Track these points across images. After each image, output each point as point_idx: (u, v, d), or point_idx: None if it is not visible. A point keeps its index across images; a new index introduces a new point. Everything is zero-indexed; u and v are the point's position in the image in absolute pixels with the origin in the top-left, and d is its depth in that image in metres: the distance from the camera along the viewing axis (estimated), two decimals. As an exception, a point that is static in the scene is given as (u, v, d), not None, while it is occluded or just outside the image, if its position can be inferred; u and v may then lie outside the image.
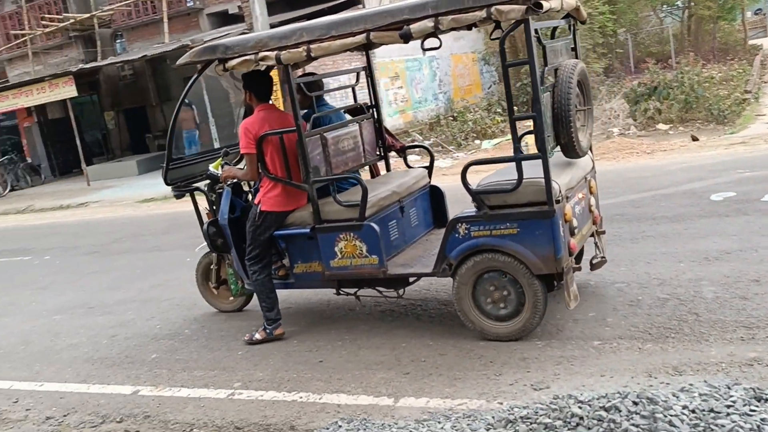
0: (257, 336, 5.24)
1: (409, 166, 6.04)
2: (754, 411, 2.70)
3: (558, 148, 4.57)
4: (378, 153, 5.93)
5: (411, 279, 5.08)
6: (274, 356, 4.96)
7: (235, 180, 5.40)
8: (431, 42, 4.47)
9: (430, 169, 5.89)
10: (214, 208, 5.58)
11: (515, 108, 5.04)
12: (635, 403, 2.69)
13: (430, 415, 3.70)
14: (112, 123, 23.45)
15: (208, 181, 5.60)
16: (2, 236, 13.47)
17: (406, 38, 4.28)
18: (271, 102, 5.28)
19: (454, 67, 23.01)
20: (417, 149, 10.82)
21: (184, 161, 5.89)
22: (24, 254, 10.87)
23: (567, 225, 4.39)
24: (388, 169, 6.10)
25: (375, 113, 5.88)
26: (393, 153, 6.12)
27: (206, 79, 12.58)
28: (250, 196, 5.67)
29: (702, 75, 15.57)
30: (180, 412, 4.31)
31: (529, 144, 6.52)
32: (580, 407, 2.76)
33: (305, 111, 5.42)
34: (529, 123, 4.36)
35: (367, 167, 5.97)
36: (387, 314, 5.43)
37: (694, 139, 12.06)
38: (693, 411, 2.61)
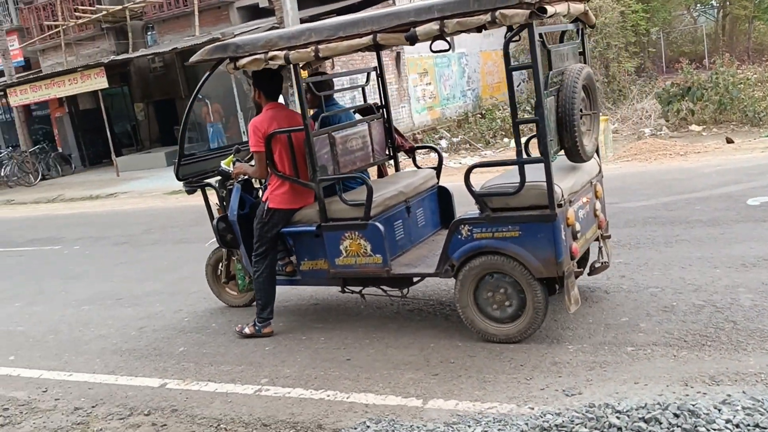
0: (246, 330, 5.35)
1: (417, 167, 6.04)
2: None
3: (562, 152, 4.57)
4: (387, 153, 5.94)
5: (415, 279, 5.11)
6: (302, 353, 4.94)
7: (245, 177, 5.45)
8: (440, 44, 4.47)
9: (438, 169, 5.88)
10: (225, 204, 5.63)
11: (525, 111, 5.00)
12: (676, 416, 2.61)
13: (460, 418, 3.65)
14: (142, 114, 23.64)
15: (219, 177, 5.65)
16: (33, 225, 13.64)
17: (412, 40, 4.30)
18: (280, 101, 5.33)
19: (483, 64, 22.88)
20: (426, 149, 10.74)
21: (196, 157, 5.97)
22: (54, 243, 10.99)
23: (569, 229, 4.39)
24: (397, 169, 6.11)
25: (385, 113, 5.90)
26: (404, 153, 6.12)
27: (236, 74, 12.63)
28: (260, 193, 5.70)
29: (737, 76, 15.29)
30: (207, 407, 4.31)
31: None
32: (618, 417, 2.69)
33: (315, 111, 5.42)
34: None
35: (375, 167, 5.96)
36: (415, 313, 5.38)
37: (729, 141, 11.84)
38: (737, 426, 2.53)
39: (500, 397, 3.87)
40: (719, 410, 2.67)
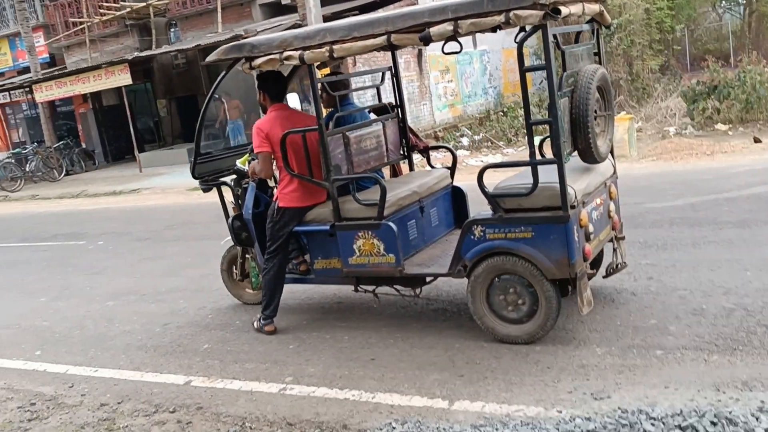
0: (255, 325, 5.46)
1: (432, 166, 6.02)
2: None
3: (575, 152, 4.55)
4: (401, 153, 5.92)
5: (428, 279, 5.11)
6: (326, 352, 4.93)
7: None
8: (451, 46, 4.46)
9: (452, 169, 5.86)
10: (240, 202, 5.65)
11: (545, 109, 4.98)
12: (713, 423, 2.56)
13: (487, 421, 3.61)
14: (164, 111, 23.78)
15: (234, 176, 5.69)
16: (57, 220, 13.77)
17: (426, 41, 4.30)
18: (284, 102, 5.34)
19: (505, 62, 22.74)
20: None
21: (212, 156, 6.01)
22: (78, 238, 11.08)
23: (582, 230, 4.37)
24: (411, 168, 6.08)
25: (400, 113, 5.89)
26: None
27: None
28: (275, 191, 5.71)
29: (765, 74, 15.03)
30: (232, 405, 4.31)
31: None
32: (653, 424, 2.64)
33: (330, 110, 5.42)
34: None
35: (389, 166, 5.96)
36: (439, 313, 5.35)
37: (757, 140, 11.66)
38: (776, 434, 2.47)
39: (527, 399, 3.82)
40: (757, 419, 2.61)
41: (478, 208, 5.04)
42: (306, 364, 4.76)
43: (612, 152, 5.04)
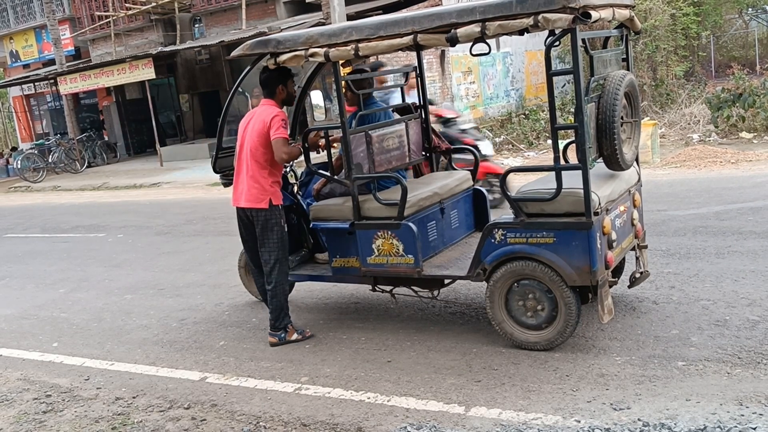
0: (293, 337, 5.20)
1: (453, 168, 5.96)
2: None
3: (600, 159, 4.50)
4: (424, 153, 5.89)
5: (446, 281, 5.08)
6: (342, 352, 4.90)
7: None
8: (480, 47, 4.40)
9: (474, 171, 5.81)
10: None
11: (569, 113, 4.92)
12: (738, 440, 2.50)
13: (503, 428, 3.57)
14: (186, 105, 23.89)
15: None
16: (78, 211, 13.87)
17: (453, 42, 4.27)
18: (271, 100, 5.15)
19: (527, 64, 22.60)
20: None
21: (233, 150, 5.93)
22: (98, 231, 11.15)
23: (605, 238, 4.32)
24: (432, 169, 6.03)
25: (423, 113, 5.84)
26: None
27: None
28: (295, 188, 5.69)
29: (792, 83, 14.79)
30: (247, 403, 4.29)
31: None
32: (675, 439, 2.59)
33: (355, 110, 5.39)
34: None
35: (411, 167, 5.91)
36: (458, 317, 5.30)
37: (783, 150, 11.48)
38: (803, 454, 2.40)
39: (545, 407, 3.77)
40: (783, 436, 2.55)
41: (506, 210, 5.00)
42: (322, 364, 4.73)
43: (637, 159, 4.97)
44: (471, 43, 4.39)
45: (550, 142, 15.92)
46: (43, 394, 4.78)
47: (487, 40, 4.30)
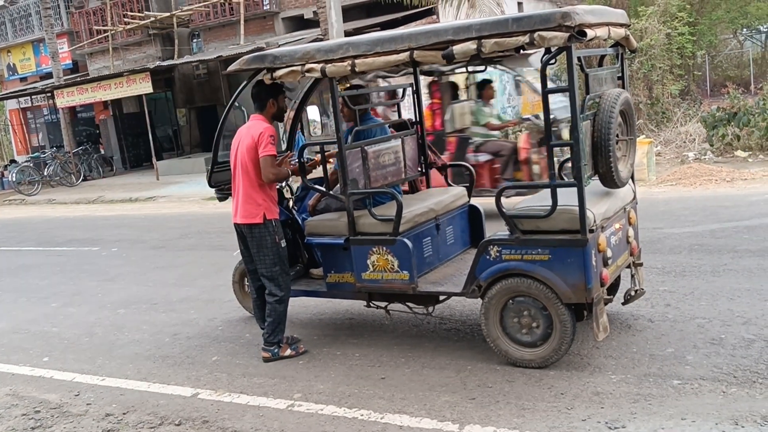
0: (286, 353, 5.14)
1: (449, 184, 5.97)
2: None
3: (596, 176, 4.50)
4: (419, 169, 5.89)
5: (441, 297, 5.06)
6: (336, 368, 4.86)
7: (277, 186, 5.40)
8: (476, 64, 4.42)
9: (470, 188, 5.81)
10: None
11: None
12: (734, 461, 2.47)
13: (497, 447, 3.53)
14: (184, 120, 23.93)
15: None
16: (73, 225, 13.82)
17: (449, 59, 4.28)
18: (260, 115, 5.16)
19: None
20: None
21: (228, 164, 5.92)
22: (92, 244, 11.10)
23: (600, 255, 4.31)
24: (428, 185, 6.02)
25: (419, 129, 5.85)
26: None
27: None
28: (291, 203, 5.68)
29: (786, 103, 14.87)
30: (239, 420, 4.24)
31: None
32: (670, 459, 2.55)
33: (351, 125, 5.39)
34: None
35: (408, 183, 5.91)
36: (453, 333, 5.27)
37: (778, 169, 11.50)
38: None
39: (540, 426, 3.73)
40: (780, 457, 2.52)
41: (494, 227, 4.98)
42: (315, 381, 4.69)
43: (632, 177, 4.97)
44: (467, 62, 4.41)
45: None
46: (32, 410, 4.72)
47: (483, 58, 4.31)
